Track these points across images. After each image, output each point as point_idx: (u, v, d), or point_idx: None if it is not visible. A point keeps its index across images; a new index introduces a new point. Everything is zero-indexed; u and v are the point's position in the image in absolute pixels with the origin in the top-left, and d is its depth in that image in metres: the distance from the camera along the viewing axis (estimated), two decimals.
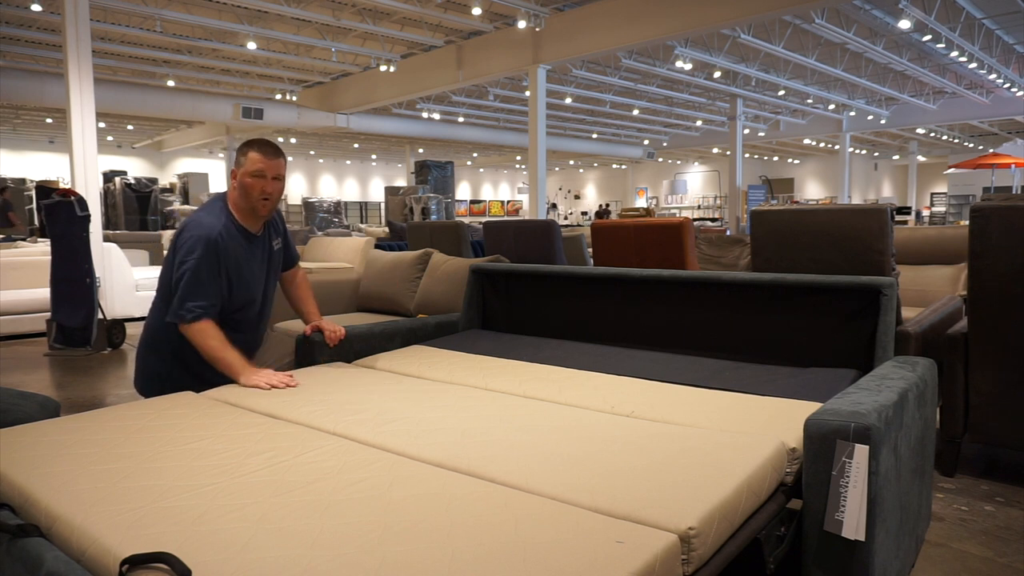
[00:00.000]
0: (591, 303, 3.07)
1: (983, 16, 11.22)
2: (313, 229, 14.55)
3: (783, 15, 10.05)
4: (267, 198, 2.47)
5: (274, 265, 2.71)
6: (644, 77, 14.69)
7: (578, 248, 7.03)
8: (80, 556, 1.27)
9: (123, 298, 7.39)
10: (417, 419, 1.95)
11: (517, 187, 35.36)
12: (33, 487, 1.49)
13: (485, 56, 12.65)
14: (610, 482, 1.47)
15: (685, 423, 1.90)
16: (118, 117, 17.16)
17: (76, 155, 7.05)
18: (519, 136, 21.22)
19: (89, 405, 4.17)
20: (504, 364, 2.63)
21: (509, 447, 1.70)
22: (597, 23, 10.73)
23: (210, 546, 1.22)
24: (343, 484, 1.48)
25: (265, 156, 2.45)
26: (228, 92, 16.22)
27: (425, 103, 16.59)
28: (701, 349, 2.72)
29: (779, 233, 3.73)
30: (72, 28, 6.97)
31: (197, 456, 1.66)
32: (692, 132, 23.13)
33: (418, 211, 15.63)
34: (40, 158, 22.13)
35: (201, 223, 2.44)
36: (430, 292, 3.97)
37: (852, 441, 1.51)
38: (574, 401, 2.14)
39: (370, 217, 28.95)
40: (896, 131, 20.99)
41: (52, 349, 5.68)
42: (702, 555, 1.32)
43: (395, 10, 10.72)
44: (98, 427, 1.88)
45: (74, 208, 5.52)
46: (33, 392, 2.22)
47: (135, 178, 16.17)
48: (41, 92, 12.96)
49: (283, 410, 2.06)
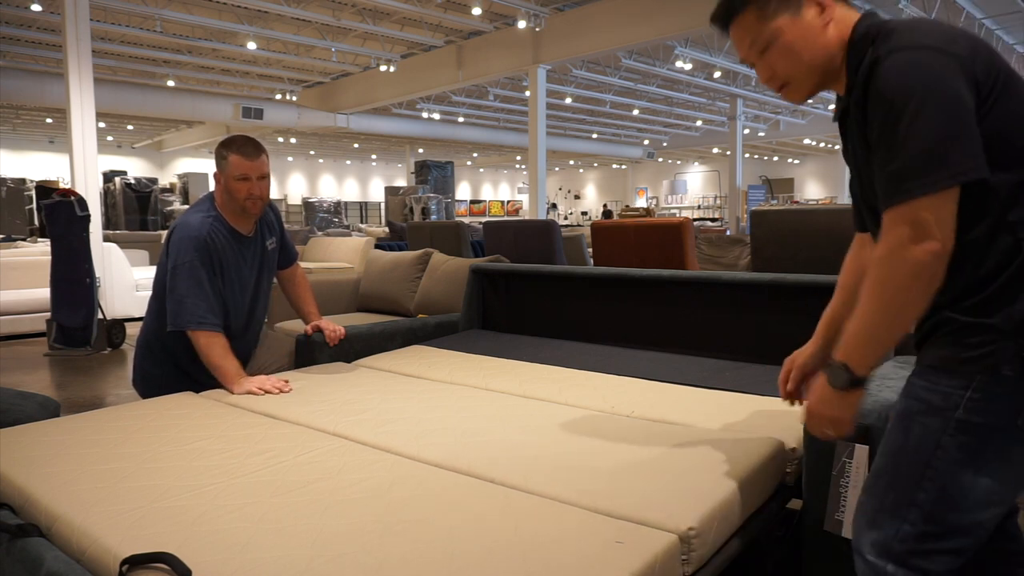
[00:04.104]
0: (591, 303, 3.07)
1: (983, 16, 11.22)
2: (313, 229, 14.55)
3: None
4: (255, 198, 2.43)
5: (268, 266, 2.67)
6: (644, 77, 14.69)
7: (578, 248, 7.03)
8: (80, 556, 1.27)
9: (123, 298, 7.38)
10: (417, 419, 1.95)
11: (517, 187, 35.36)
12: (33, 487, 1.49)
13: (485, 56, 12.64)
14: (610, 482, 1.47)
15: (685, 423, 1.90)
16: (118, 117, 17.15)
17: (76, 155, 7.04)
18: (519, 136, 21.21)
19: (89, 405, 4.17)
20: (504, 364, 2.63)
21: (509, 447, 1.70)
22: (597, 23, 10.72)
23: (210, 546, 1.22)
24: (343, 484, 1.48)
25: (246, 158, 2.39)
26: (228, 92, 16.21)
27: (425, 103, 16.59)
28: (701, 349, 2.72)
29: (779, 233, 3.72)
30: (72, 28, 6.96)
31: (197, 456, 1.66)
32: (692, 132, 23.13)
33: (418, 211, 15.64)
34: (40, 158, 22.12)
35: (190, 225, 2.40)
36: (430, 292, 3.97)
37: (852, 441, 1.51)
38: (574, 401, 2.14)
39: (370, 217, 28.94)
40: None
41: (52, 349, 5.68)
42: (702, 555, 1.32)
43: (395, 10, 10.72)
44: (98, 427, 1.88)
45: (74, 208, 5.51)
46: (33, 392, 2.22)
47: (135, 178, 16.17)
48: (41, 92, 12.95)
49: (283, 410, 2.06)
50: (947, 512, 1.13)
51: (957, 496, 1.12)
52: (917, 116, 1.06)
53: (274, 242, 2.68)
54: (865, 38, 1.19)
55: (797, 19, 1.23)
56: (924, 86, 1.06)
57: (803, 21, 1.23)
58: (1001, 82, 1.10)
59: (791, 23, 1.23)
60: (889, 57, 1.10)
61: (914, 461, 1.15)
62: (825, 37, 1.23)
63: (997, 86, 1.10)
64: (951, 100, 1.06)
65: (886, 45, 1.12)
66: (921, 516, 1.14)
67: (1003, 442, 1.10)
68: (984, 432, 1.10)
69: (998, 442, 1.10)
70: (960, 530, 1.14)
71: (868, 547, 1.18)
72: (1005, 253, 1.11)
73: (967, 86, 1.07)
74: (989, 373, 1.09)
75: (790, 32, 1.23)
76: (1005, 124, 1.10)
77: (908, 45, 1.10)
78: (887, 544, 1.16)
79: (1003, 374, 1.08)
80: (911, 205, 1.07)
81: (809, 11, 1.23)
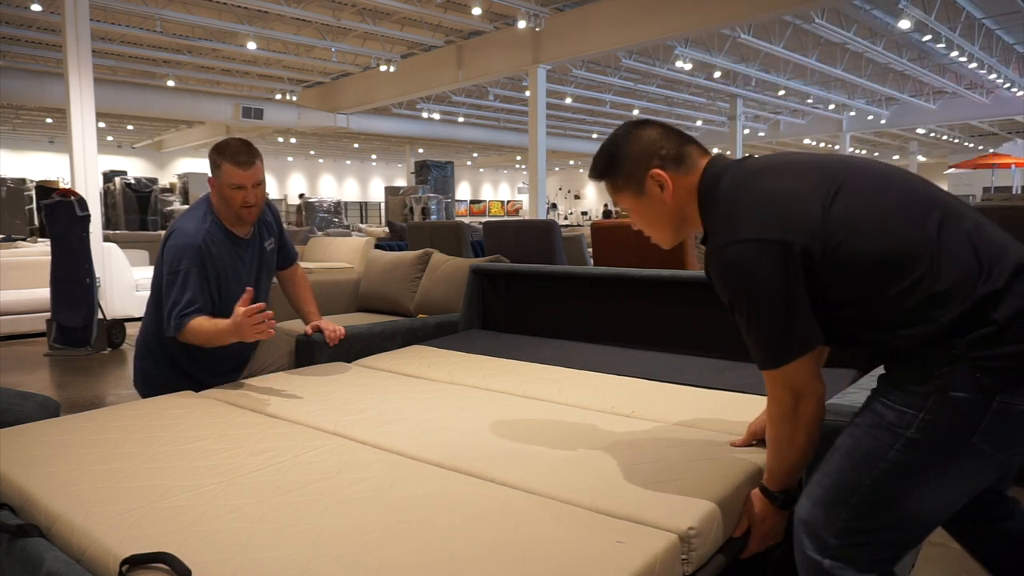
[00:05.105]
0: (591, 303, 3.06)
1: (983, 16, 11.22)
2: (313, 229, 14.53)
3: (783, 15, 10.06)
4: (251, 206, 2.41)
5: (266, 267, 2.65)
6: (644, 77, 14.69)
7: (578, 248, 7.03)
8: (80, 556, 1.27)
9: (123, 298, 7.38)
10: (417, 419, 1.95)
11: (517, 187, 35.36)
12: (33, 487, 1.49)
13: (485, 56, 12.64)
14: (610, 482, 1.47)
15: (685, 423, 1.90)
16: (118, 117, 17.16)
17: (76, 155, 7.04)
18: (519, 136, 21.21)
19: (89, 405, 4.17)
20: (504, 364, 2.63)
21: (509, 447, 1.70)
22: (597, 23, 10.72)
23: (210, 546, 1.22)
24: (343, 484, 1.48)
25: (240, 167, 2.36)
26: (228, 92, 16.21)
27: (425, 103, 16.59)
28: (701, 349, 2.72)
29: None
30: (72, 28, 6.96)
31: (197, 456, 1.66)
32: (692, 132, 23.11)
33: (418, 211, 15.63)
34: (40, 158, 22.13)
35: (185, 231, 2.37)
36: (430, 292, 3.97)
37: None
38: (574, 401, 2.14)
39: (370, 217, 28.94)
40: (896, 131, 20.99)
41: (52, 349, 5.68)
42: (702, 555, 1.32)
43: (395, 10, 10.72)
44: (98, 427, 1.88)
45: (74, 208, 5.51)
46: (33, 392, 2.22)
47: (135, 178, 16.14)
48: (41, 92, 12.96)
49: (283, 410, 2.06)
50: (879, 513, 1.21)
51: (892, 502, 1.20)
52: (752, 316, 1.27)
53: (272, 243, 2.67)
54: (704, 213, 1.39)
55: (642, 196, 1.45)
56: (749, 288, 1.26)
57: (647, 197, 1.45)
58: (832, 231, 1.21)
59: (635, 199, 1.47)
60: (716, 253, 1.30)
61: (859, 467, 1.23)
62: (668, 207, 1.44)
63: (831, 241, 1.21)
64: (774, 295, 1.24)
65: (712, 239, 1.32)
66: (855, 515, 1.22)
67: (952, 458, 1.17)
68: (932, 450, 1.17)
69: (946, 458, 1.17)
70: (891, 528, 1.22)
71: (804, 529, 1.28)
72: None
73: (788, 268, 1.22)
74: (943, 395, 1.15)
75: (638, 204, 1.47)
76: (860, 259, 1.21)
77: (729, 240, 1.27)
78: (819, 534, 1.25)
79: (957, 396, 1.14)
80: (782, 371, 1.28)
81: (652, 188, 1.44)
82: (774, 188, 1.29)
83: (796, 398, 1.30)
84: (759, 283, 1.24)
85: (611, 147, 1.48)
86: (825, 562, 1.24)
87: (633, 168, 1.44)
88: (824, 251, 1.21)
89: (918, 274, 1.17)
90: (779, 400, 1.33)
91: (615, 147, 1.47)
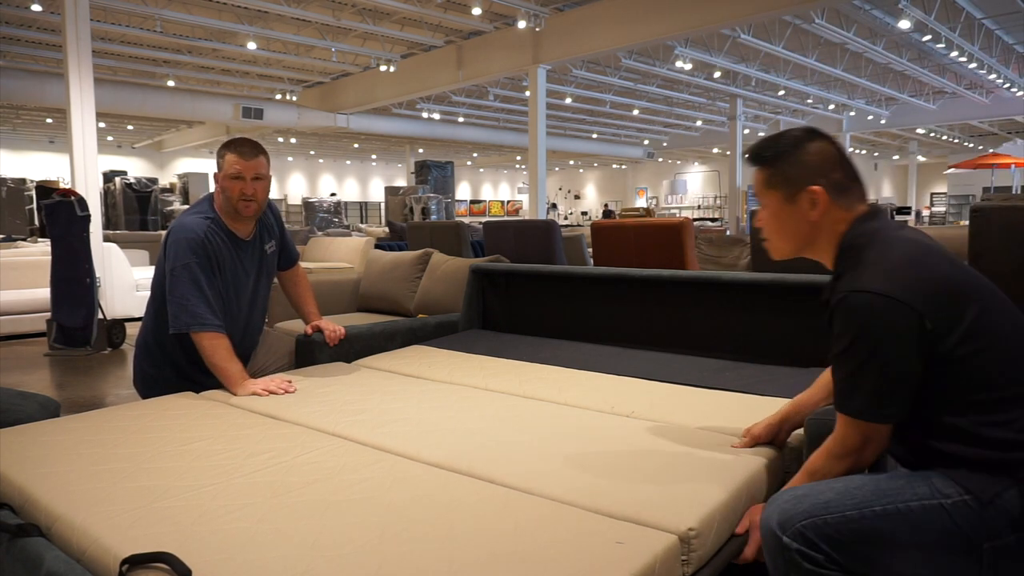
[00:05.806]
0: (591, 303, 3.06)
1: (983, 16, 11.21)
2: (313, 229, 14.53)
3: (783, 15, 10.05)
4: (248, 199, 2.40)
5: (266, 270, 2.64)
6: (644, 77, 14.68)
7: (578, 248, 7.03)
8: (80, 556, 1.27)
9: (123, 298, 7.38)
10: (417, 419, 1.95)
11: (517, 187, 35.35)
12: (33, 487, 1.49)
13: (485, 56, 12.64)
14: (610, 483, 1.47)
15: (685, 423, 1.89)
16: (118, 117, 17.14)
17: (76, 155, 7.04)
18: (519, 136, 21.20)
19: (89, 405, 4.17)
20: (504, 364, 2.63)
21: (509, 447, 1.70)
22: (597, 23, 10.72)
23: (210, 546, 1.22)
24: (343, 485, 1.48)
25: (242, 157, 2.37)
26: (228, 92, 16.20)
27: (425, 103, 16.58)
28: (701, 349, 2.72)
29: None
30: (72, 28, 6.96)
31: (197, 456, 1.66)
32: (692, 132, 23.12)
33: (418, 211, 15.63)
34: (40, 158, 22.11)
35: (186, 226, 2.38)
36: (430, 292, 3.97)
37: None
38: (574, 401, 2.14)
39: (370, 217, 28.93)
40: (896, 131, 20.99)
41: (52, 349, 5.68)
42: (702, 556, 1.32)
43: (395, 10, 10.71)
44: (98, 427, 1.88)
45: (74, 208, 5.51)
46: (33, 392, 2.22)
47: (135, 178, 16.15)
48: (41, 92, 12.94)
49: (283, 411, 2.06)
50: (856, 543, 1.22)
51: (880, 540, 1.22)
52: (864, 367, 1.26)
53: (273, 245, 2.65)
54: (847, 252, 1.37)
55: (788, 203, 1.43)
56: (874, 340, 1.24)
57: (793, 206, 1.42)
58: (965, 325, 1.23)
59: (781, 202, 1.44)
60: (849, 298, 1.27)
61: (876, 494, 1.24)
62: (807, 225, 1.42)
63: (956, 328, 1.22)
64: (898, 362, 1.24)
65: (851, 279, 1.30)
66: (839, 522, 1.23)
67: (953, 546, 1.20)
68: (947, 528, 1.20)
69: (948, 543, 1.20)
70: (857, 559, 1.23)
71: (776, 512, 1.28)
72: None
73: (920, 344, 1.23)
74: (992, 500, 1.19)
75: (779, 208, 1.45)
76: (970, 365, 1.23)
77: (866, 288, 1.26)
78: (791, 517, 1.25)
79: (1002, 505, 1.18)
80: (864, 423, 1.29)
81: (804, 201, 1.41)
82: (940, 269, 1.28)
83: (865, 443, 1.31)
84: (888, 343, 1.24)
85: (787, 143, 1.43)
86: (784, 539, 1.24)
87: (798, 174, 1.41)
88: (956, 351, 1.23)
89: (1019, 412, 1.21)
90: (845, 439, 1.32)
91: (791, 145, 1.43)
